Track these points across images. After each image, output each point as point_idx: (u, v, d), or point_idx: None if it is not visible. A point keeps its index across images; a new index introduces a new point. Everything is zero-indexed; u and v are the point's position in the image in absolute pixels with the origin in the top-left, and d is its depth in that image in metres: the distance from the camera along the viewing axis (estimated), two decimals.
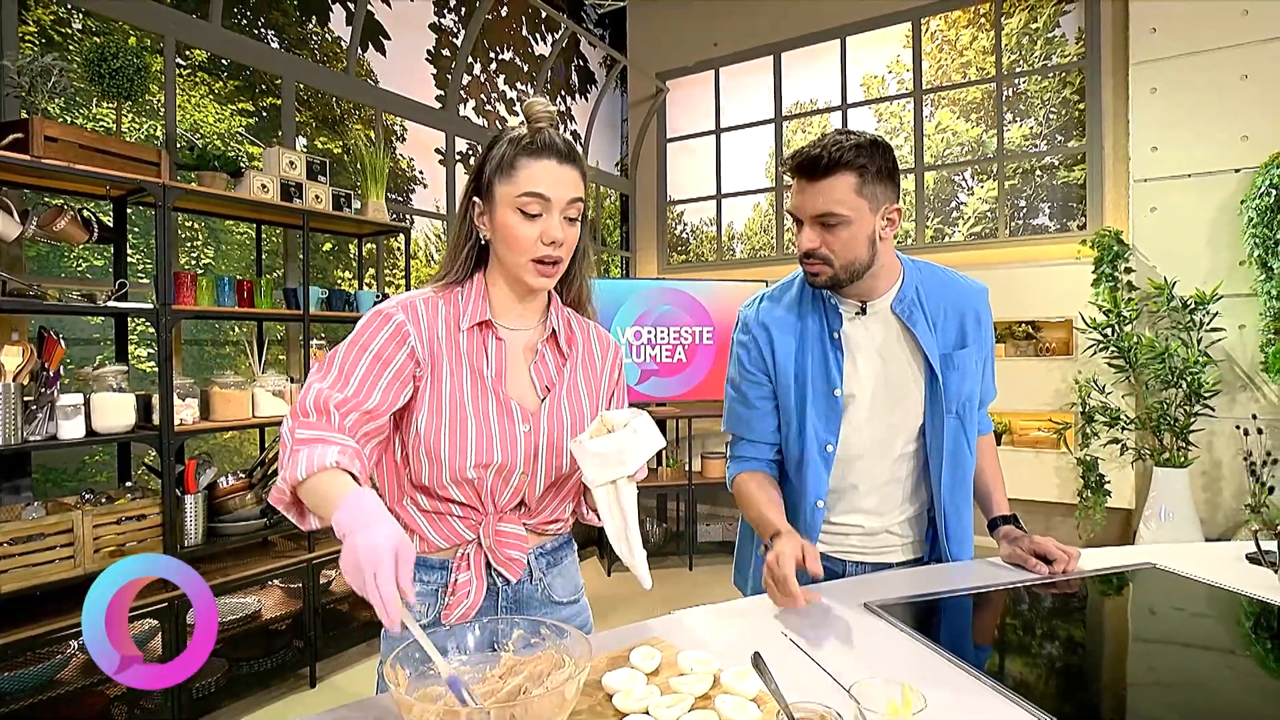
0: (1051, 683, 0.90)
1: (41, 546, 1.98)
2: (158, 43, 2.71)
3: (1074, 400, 3.68)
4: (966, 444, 1.32)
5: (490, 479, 0.99)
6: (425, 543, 1.02)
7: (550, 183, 0.96)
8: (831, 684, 0.83)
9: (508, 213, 0.97)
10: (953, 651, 0.93)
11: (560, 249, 0.98)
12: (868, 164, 1.16)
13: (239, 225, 2.99)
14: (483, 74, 4.47)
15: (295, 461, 0.82)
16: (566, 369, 1.07)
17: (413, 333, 0.97)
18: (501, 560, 1.01)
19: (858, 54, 4.67)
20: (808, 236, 1.20)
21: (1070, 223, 4.06)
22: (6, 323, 2.14)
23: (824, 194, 1.17)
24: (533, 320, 1.07)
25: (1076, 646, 1.02)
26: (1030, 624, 1.10)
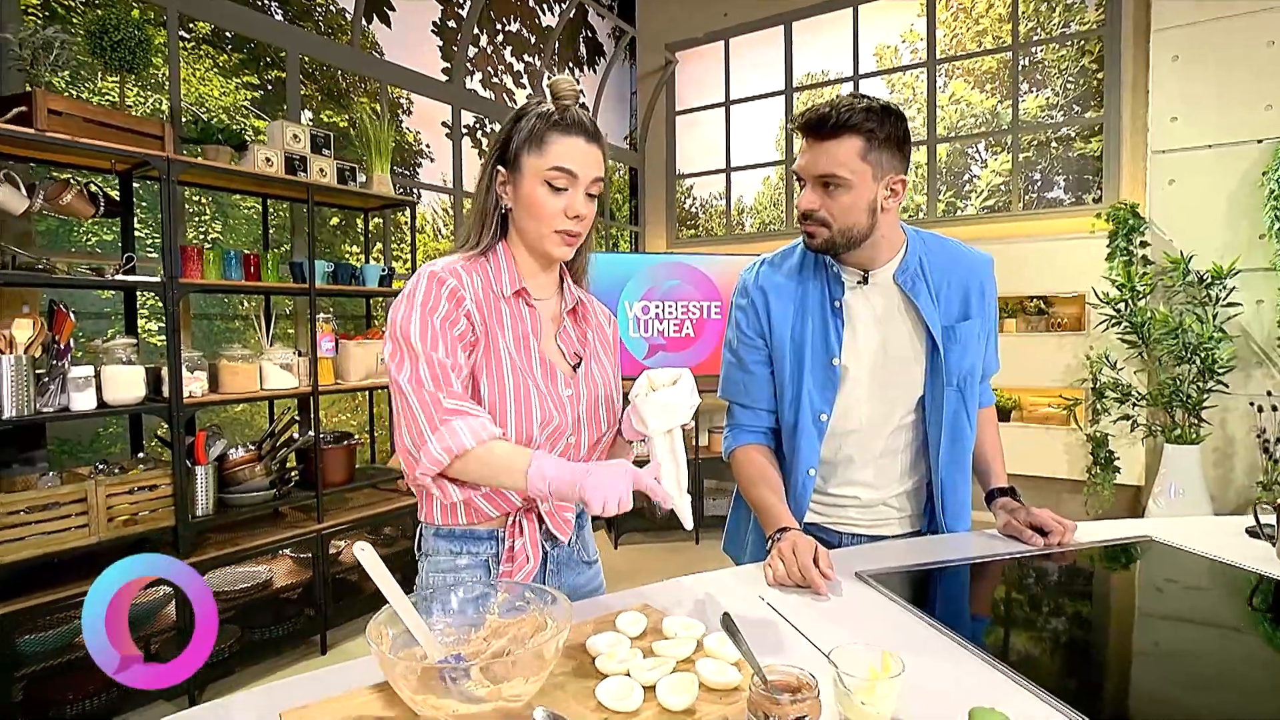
0: (1036, 652, 0.91)
1: (57, 515, 2.03)
2: (161, 15, 2.70)
3: (1085, 376, 3.64)
4: (966, 417, 1.31)
5: (546, 444, 1.03)
6: (477, 513, 1.04)
7: (579, 160, 0.99)
8: (813, 650, 0.84)
9: (535, 185, 0.99)
10: (939, 620, 0.93)
11: (582, 223, 1.02)
12: (876, 129, 1.14)
13: (246, 199, 3.00)
14: (489, 46, 4.42)
15: (454, 431, 0.89)
16: (590, 336, 1.13)
17: (468, 297, 0.99)
18: (559, 523, 1.06)
19: (870, 23, 4.57)
20: (807, 197, 1.19)
21: (1086, 196, 3.98)
22: (17, 296, 2.16)
23: (828, 154, 1.15)
24: (552, 291, 1.11)
25: (1064, 617, 1.02)
26: (1020, 595, 1.10)
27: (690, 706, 0.70)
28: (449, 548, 1.05)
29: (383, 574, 0.73)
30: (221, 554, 2.34)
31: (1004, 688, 0.78)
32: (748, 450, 1.34)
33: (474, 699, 0.64)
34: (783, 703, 0.60)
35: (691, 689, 0.71)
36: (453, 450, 0.88)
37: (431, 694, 0.64)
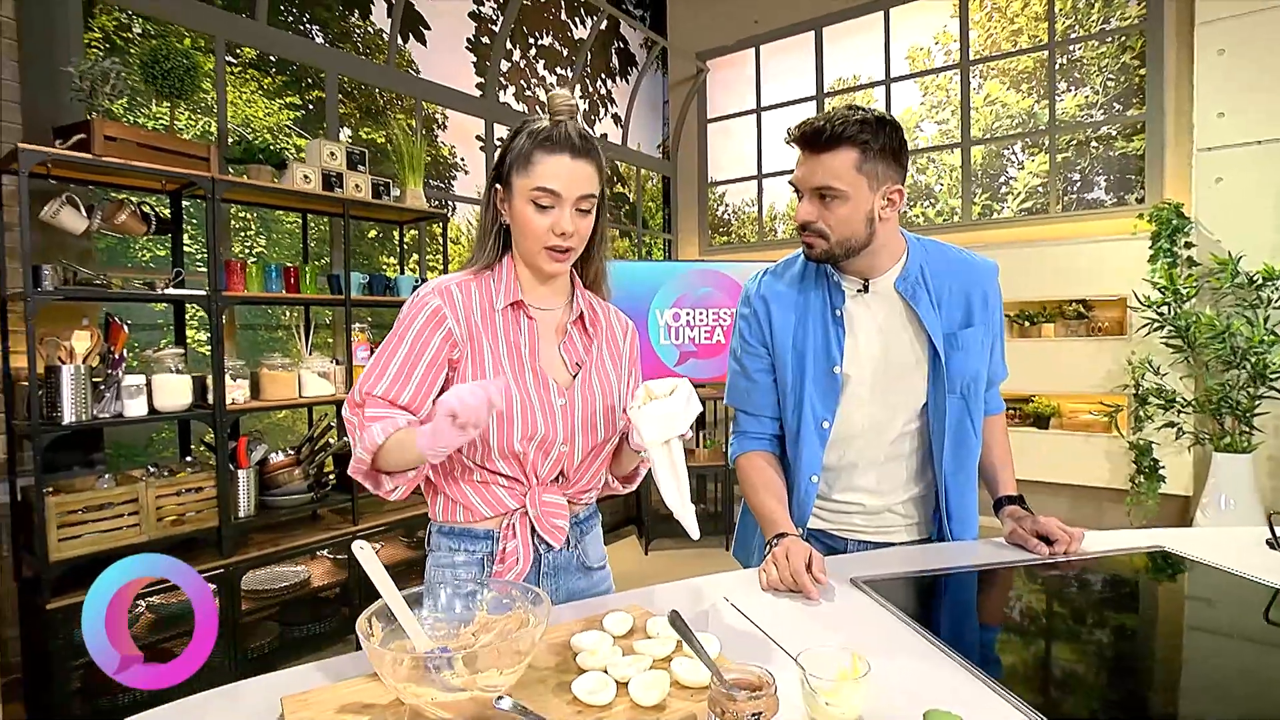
0: (1017, 660, 0.91)
1: (112, 515, 2.16)
2: (210, 43, 2.86)
3: (1127, 382, 3.53)
4: (971, 424, 1.31)
5: (533, 452, 1.05)
6: (472, 513, 1.09)
7: (562, 179, 1.01)
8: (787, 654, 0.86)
9: (523, 203, 1.03)
10: (926, 625, 0.94)
11: (571, 239, 1.03)
12: (870, 140, 1.15)
13: (288, 215, 3.14)
14: (522, 60, 4.53)
15: (370, 432, 0.96)
16: (594, 348, 1.14)
17: (449, 315, 1.04)
18: (547, 529, 1.08)
19: (902, 26, 4.52)
20: (805, 208, 1.21)
21: (1128, 196, 3.86)
22: (77, 310, 2.32)
23: (823, 167, 1.17)
24: (559, 301, 1.14)
25: (1053, 627, 1.01)
26: (1015, 604, 1.10)
27: (661, 703, 0.73)
28: (449, 544, 1.10)
29: (378, 571, 0.78)
30: (262, 554, 2.46)
31: (978, 694, 0.79)
32: (751, 457, 1.36)
33: (452, 688, 0.68)
34: (739, 699, 0.63)
35: (663, 686, 0.74)
36: (367, 448, 0.96)
37: (414, 683, 0.68)
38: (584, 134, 1.04)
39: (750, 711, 0.63)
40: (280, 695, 0.76)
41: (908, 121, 4.57)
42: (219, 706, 0.77)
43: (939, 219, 4.47)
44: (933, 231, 4.43)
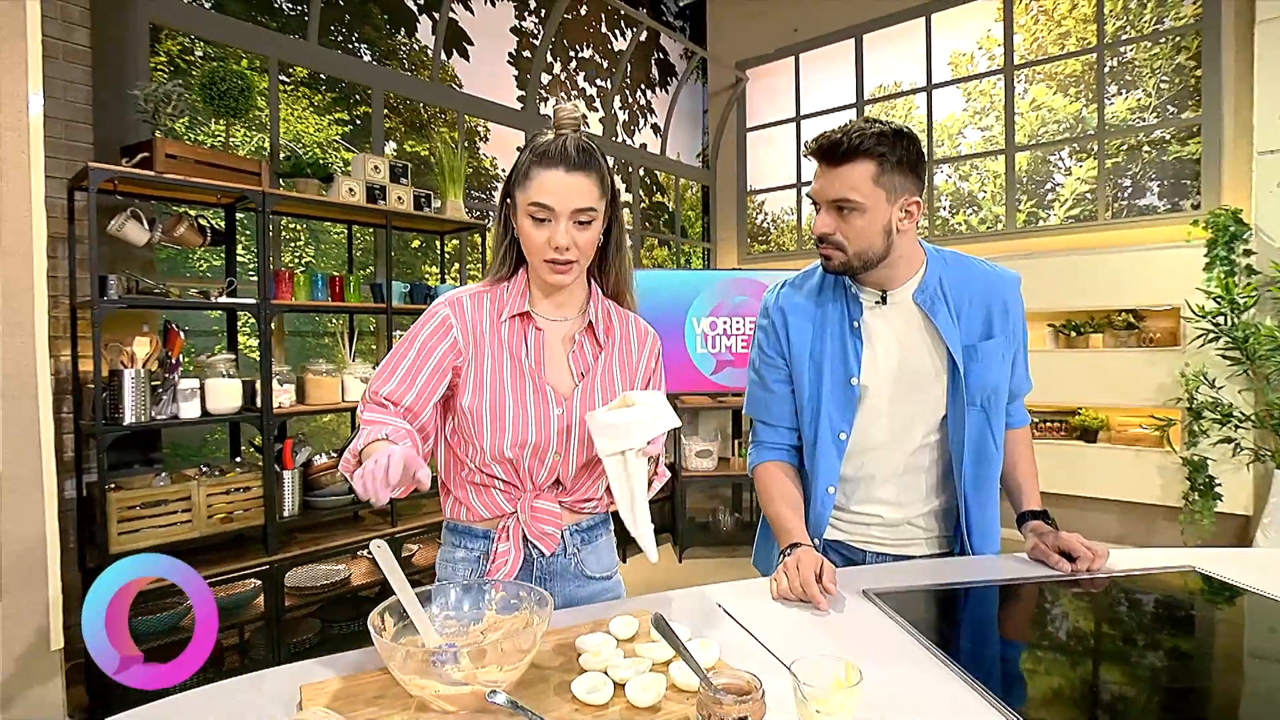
0: (1026, 680, 0.90)
1: (167, 511, 2.29)
2: (265, 63, 3.01)
3: (1180, 395, 3.39)
4: (992, 437, 1.29)
5: (527, 458, 1.08)
6: (470, 512, 1.12)
7: (555, 193, 1.01)
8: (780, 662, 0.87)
9: (524, 217, 1.04)
10: (932, 638, 0.94)
11: (569, 253, 1.04)
12: (888, 153, 1.16)
13: (335, 226, 3.27)
14: (562, 72, 4.62)
15: (360, 436, 0.98)
16: (602, 357, 1.14)
17: (455, 325, 1.08)
18: (536, 534, 1.10)
19: (945, 31, 4.46)
20: (823, 221, 1.22)
21: (1183, 202, 3.72)
22: (139, 317, 2.46)
23: (841, 180, 1.17)
24: (572, 312, 1.15)
25: (1067, 647, 1.00)
26: (1030, 621, 1.08)
27: (655, 704, 0.75)
28: (452, 540, 1.15)
29: (394, 569, 0.83)
30: (304, 552, 2.56)
31: (977, 709, 0.79)
32: (769, 467, 1.36)
33: (454, 682, 0.72)
34: (725, 703, 0.65)
35: (658, 689, 0.76)
36: (353, 451, 0.97)
37: (419, 676, 0.72)
38: (584, 147, 1.04)
39: (735, 715, 0.65)
40: (300, 684, 0.81)
41: (950, 128, 4.50)
42: (245, 692, 0.82)
43: (982, 227, 4.38)
44: (976, 240, 4.34)
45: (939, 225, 4.55)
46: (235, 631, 2.55)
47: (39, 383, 1.91)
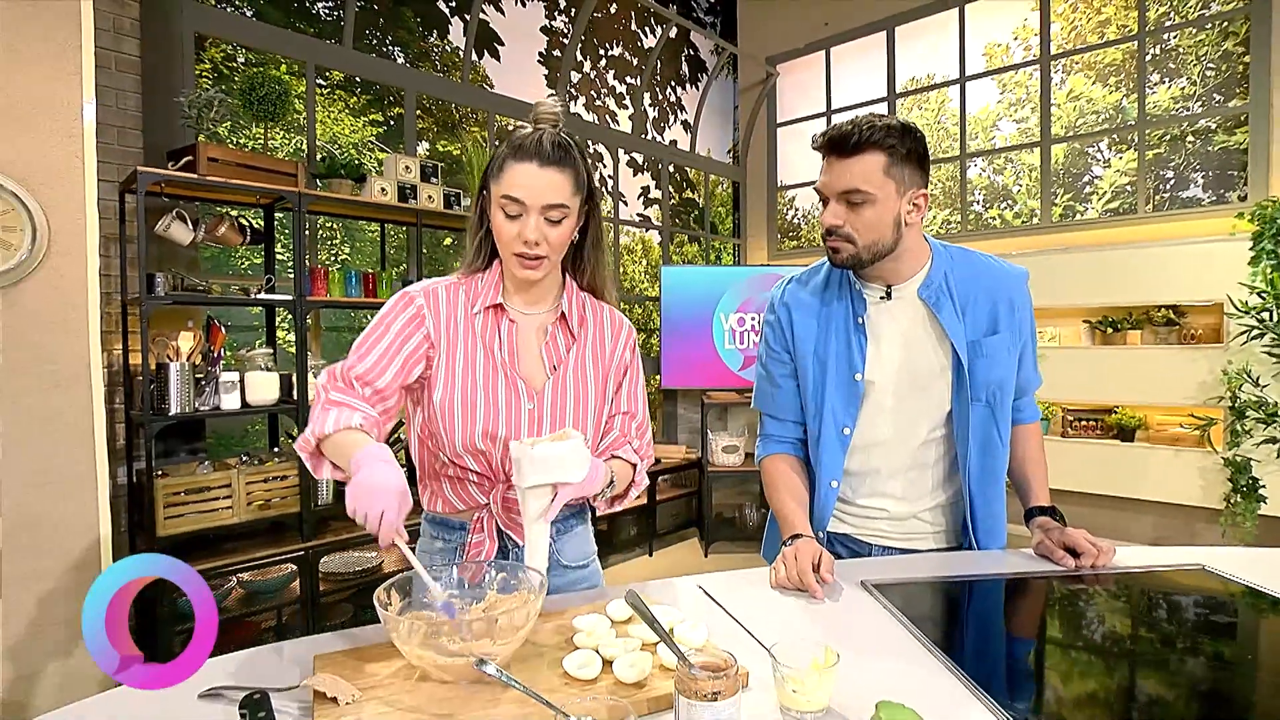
0: (1012, 671, 0.91)
1: (209, 497, 2.41)
2: (302, 68, 3.12)
3: (1222, 394, 3.29)
4: (998, 433, 1.30)
5: (499, 451, 1.09)
6: (446, 504, 1.14)
7: (527, 188, 1.02)
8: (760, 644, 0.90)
9: (496, 210, 1.05)
10: (923, 629, 0.95)
11: (539, 248, 1.04)
12: (897, 145, 1.17)
13: (369, 224, 3.38)
14: (592, 70, 4.66)
15: (324, 419, 0.97)
16: (575, 349, 1.15)
17: (429, 316, 1.09)
18: (508, 525, 1.12)
19: (979, 21, 4.37)
20: (831, 212, 1.22)
21: (1228, 193, 3.59)
22: (184, 313, 2.59)
23: (851, 171, 1.18)
24: (546, 304, 1.16)
25: (1060, 641, 1.00)
26: (1025, 615, 1.09)
27: (641, 681, 0.79)
28: (431, 532, 1.19)
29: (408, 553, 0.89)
30: (338, 539, 2.66)
31: (958, 696, 0.81)
32: (774, 460, 1.39)
33: (450, 653, 0.77)
34: (699, 678, 0.68)
35: (644, 666, 0.80)
36: (314, 434, 0.97)
37: (419, 647, 0.77)
38: (560, 143, 1.04)
39: (710, 690, 0.68)
40: (314, 655, 0.87)
41: (984, 121, 4.42)
42: (264, 661, 0.89)
43: (1017, 221, 4.29)
44: (1010, 235, 4.26)
45: (972, 220, 4.48)
46: (273, 614, 2.67)
47: (92, 375, 2.03)
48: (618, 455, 1.17)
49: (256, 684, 0.80)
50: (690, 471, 4.60)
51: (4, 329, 1.88)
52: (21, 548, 1.90)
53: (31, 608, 1.92)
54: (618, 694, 0.76)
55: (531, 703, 0.73)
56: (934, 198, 4.65)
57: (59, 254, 1.96)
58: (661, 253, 5.06)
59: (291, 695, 0.78)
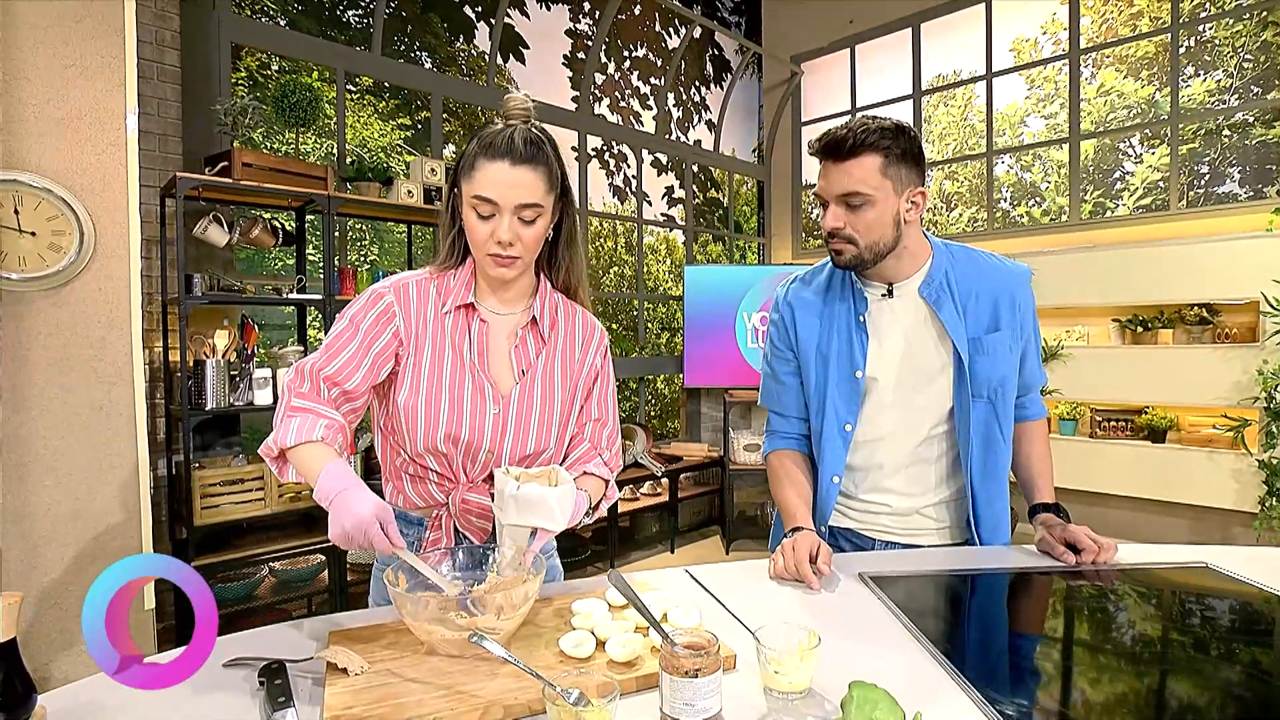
0: (998, 662, 0.93)
1: (242, 489, 2.51)
2: (333, 74, 3.23)
3: (1257, 394, 3.21)
4: (999, 429, 1.31)
5: (459, 455, 1.07)
6: (406, 500, 1.13)
7: (499, 187, 0.99)
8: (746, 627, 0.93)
9: (468, 209, 1.03)
10: (915, 620, 0.98)
11: (512, 248, 1.02)
12: (891, 146, 1.19)
13: (397, 225, 3.47)
14: (616, 72, 4.71)
15: (287, 427, 0.96)
16: (544, 355, 1.13)
17: (399, 314, 1.06)
18: (465, 525, 1.11)
19: (1006, 17, 4.31)
20: (832, 215, 1.24)
21: (1266, 188, 3.50)
22: (220, 312, 2.70)
23: (849, 174, 1.20)
24: (518, 305, 1.13)
25: (1054, 636, 1.01)
26: (1020, 609, 1.10)
27: (631, 660, 0.83)
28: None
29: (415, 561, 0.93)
30: None
31: (939, 682, 0.83)
32: (779, 455, 1.43)
33: (456, 627, 0.82)
34: (680, 655, 0.72)
35: (635, 646, 0.84)
36: (277, 443, 0.96)
37: (427, 623, 0.82)
38: (532, 139, 1.01)
39: (690, 667, 0.72)
40: (330, 630, 0.93)
41: (1011, 117, 4.36)
42: (284, 635, 0.95)
43: (1045, 218, 4.23)
44: (1039, 232, 4.20)
45: (999, 217, 4.42)
46: (303, 602, 2.77)
47: (135, 371, 2.14)
48: (589, 472, 1.16)
49: (276, 655, 0.85)
50: (713, 469, 4.63)
51: (54, 327, 1.99)
52: (67, 537, 2.02)
53: (77, 595, 2.03)
54: (610, 672, 0.80)
55: (528, 676, 0.77)
56: (960, 195, 4.61)
57: (104, 256, 2.07)
58: (685, 252, 5.09)
59: (306, 666, 0.84)
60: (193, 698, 0.78)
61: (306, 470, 0.96)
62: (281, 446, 0.96)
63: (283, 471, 1.00)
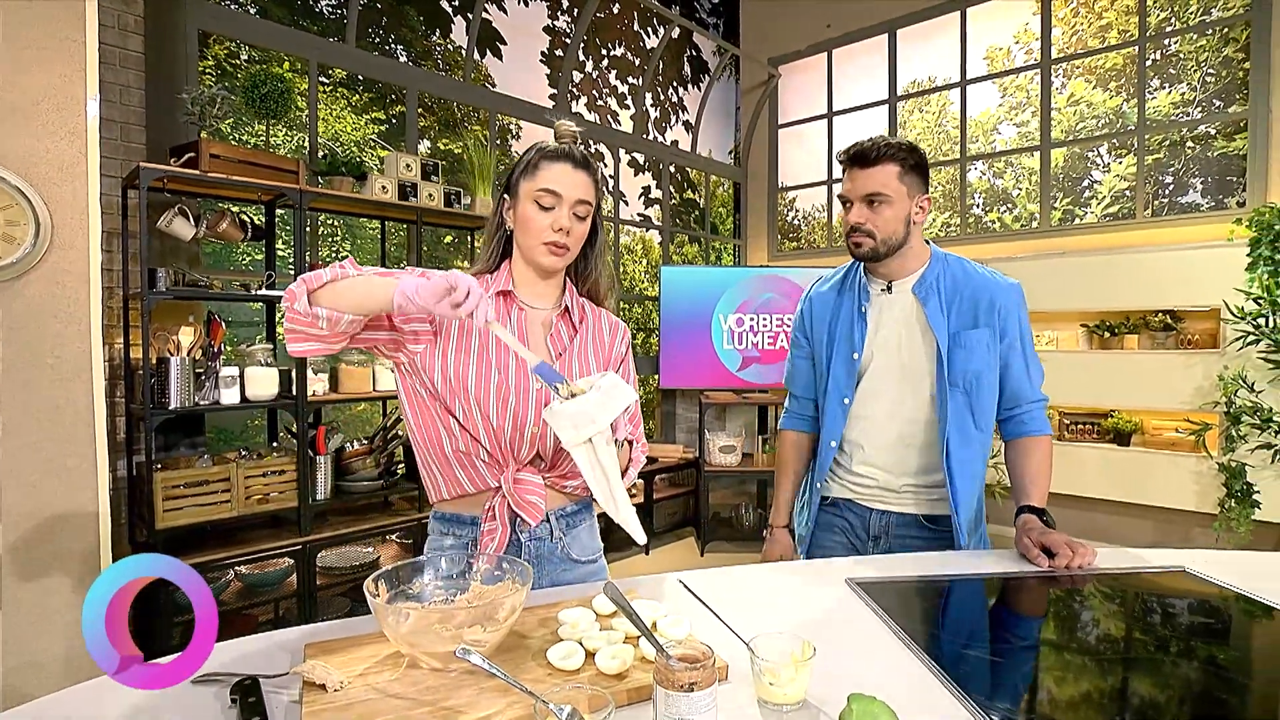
0: (983, 667, 0.93)
1: (207, 491, 2.43)
2: (305, 65, 3.15)
3: (1218, 399, 3.30)
4: (974, 421, 1.42)
5: (509, 429, 1.12)
6: (456, 486, 1.16)
7: (563, 182, 1.14)
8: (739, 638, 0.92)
9: (528, 204, 1.15)
10: (901, 625, 0.97)
11: (569, 237, 1.15)
12: (907, 158, 1.42)
13: (370, 221, 3.40)
14: (594, 70, 4.68)
15: (316, 275, 0.99)
16: (577, 339, 1.23)
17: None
18: (521, 504, 1.13)
19: (981, 25, 4.38)
20: (856, 213, 1.45)
21: (1227, 199, 3.60)
22: (185, 308, 2.61)
23: (873, 178, 1.42)
24: (550, 302, 1.24)
25: (1034, 639, 1.02)
26: (1004, 613, 1.11)
27: (622, 672, 0.81)
28: (440, 528, 1.20)
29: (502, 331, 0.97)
30: (336, 534, 2.68)
31: (935, 692, 0.83)
32: (788, 434, 1.67)
33: (441, 640, 0.78)
34: (676, 669, 0.70)
35: (626, 658, 0.82)
36: (310, 284, 0.99)
37: (409, 635, 0.79)
38: (584, 154, 1.17)
39: (686, 680, 0.70)
40: (305, 643, 0.89)
41: (984, 124, 4.43)
42: (256, 648, 0.91)
43: (1016, 224, 4.31)
44: (1010, 238, 4.27)
45: (971, 223, 4.49)
46: (270, 607, 2.69)
47: (93, 368, 2.05)
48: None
49: (248, 670, 0.82)
50: (688, 471, 4.62)
51: (8, 322, 1.90)
52: (23, 539, 1.93)
53: (33, 599, 1.94)
54: (599, 685, 0.78)
55: (515, 691, 0.75)
56: (934, 200, 4.67)
57: (62, 248, 1.98)
58: (661, 252, 5.08)
59: (281, 681, 0.80)
60: (160, 718, 0.74)
61: (368, 288, 0.98)
62: (316, 285, 0.99)
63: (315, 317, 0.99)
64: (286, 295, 1.00)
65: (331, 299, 1.00)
